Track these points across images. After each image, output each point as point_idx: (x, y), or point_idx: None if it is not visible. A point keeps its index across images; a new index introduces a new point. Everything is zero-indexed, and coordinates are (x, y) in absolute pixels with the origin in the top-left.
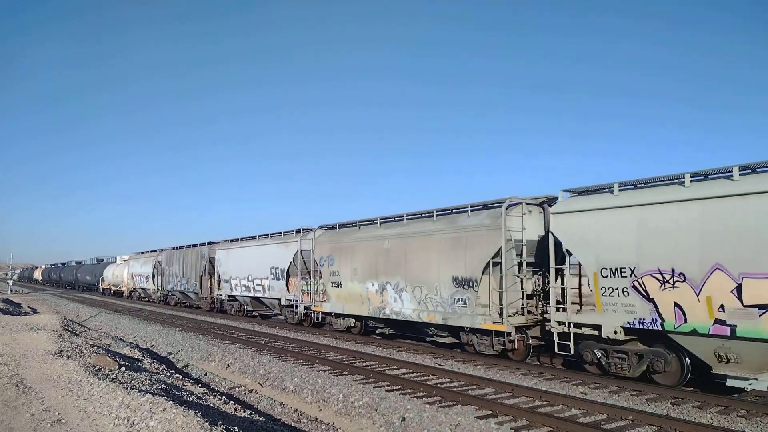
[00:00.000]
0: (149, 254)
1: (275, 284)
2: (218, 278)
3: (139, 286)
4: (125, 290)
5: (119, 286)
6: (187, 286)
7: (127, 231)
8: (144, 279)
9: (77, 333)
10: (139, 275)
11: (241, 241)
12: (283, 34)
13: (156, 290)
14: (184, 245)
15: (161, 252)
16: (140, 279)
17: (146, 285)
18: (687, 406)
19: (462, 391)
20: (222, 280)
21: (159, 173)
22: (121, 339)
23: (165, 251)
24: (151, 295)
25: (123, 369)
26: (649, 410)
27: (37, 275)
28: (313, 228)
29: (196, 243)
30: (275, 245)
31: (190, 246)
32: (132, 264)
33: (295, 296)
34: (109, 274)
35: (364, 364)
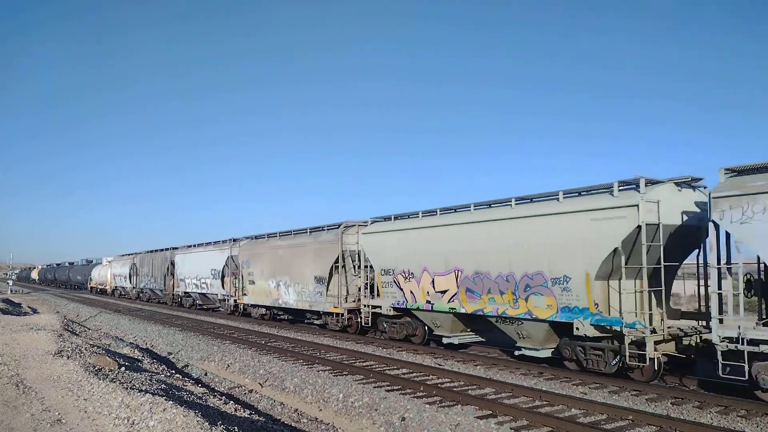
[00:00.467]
0: (127, 257)
1: (215, 282)
2: (176, 278)
3: (120, 285)
4: (108, 288)
5: (104, 285)
6: (155, 285)
7: (128, 231)
8: (123, 278)
9: (77, 333)
10: (119, 275)
11: (193, 248)
12: (283, 34)
13: (132, 288)
14: (154, 249)
15: (136, 255)
16: (120, 278)
17: (125, 284)
18: (687, 406)
19: (462, 391)
20: (179, 280)
21: (159, 173)
22: (121, 339)
23: (139, 255)
24: (129, 292)
25: (123, 369)
26: (649, 410)
27: (34, 275)
28: (240, 238)
29: (162, 248)
30: (214, 251)
31: (157, 251)
32: (113, 265)
33: (228, 292)
34: (96, 274)
35: (364, 364)
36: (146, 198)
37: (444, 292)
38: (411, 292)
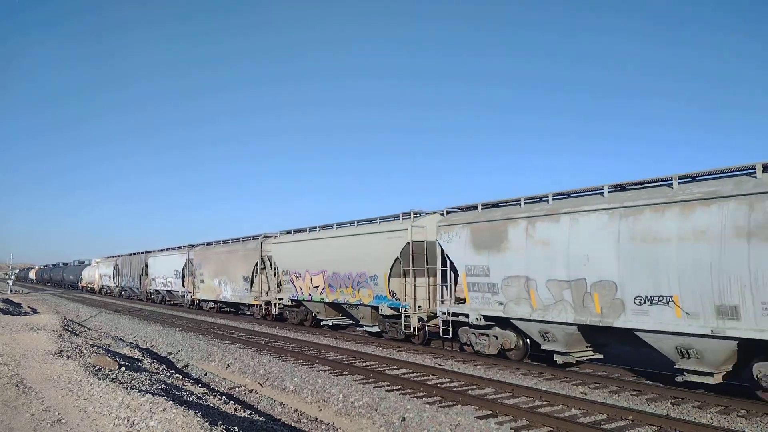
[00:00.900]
0: (111, 259)
1: (177, 281)
2: (149, 277)
3: (105, 284)
4: (96, 287)
5: (92, 284)
6: (133, 283)
7: (127, 231)
8: (108, 278)
9: (77, 333)
10: (105, 275)
11: (161, 252)
12: (283, 34)
13: (116, 286)
14: (132, 253)
15: (119, 257)
16: (105, 278)
17: (109, 283)
18: (687, 406)
19: (462, 391)
20: (151, 279)
21: (159, 173)
22: (121, 339)
23: (121, 257)
24: (113, 290)
25: (123, 369)
26: (649, 410)
27: (32, 275)
28: (196, 244)
29: (138, 251)
30: (176, 255)
31: (134, 254)
32: (100, 266)
33: (187, 290)
34: (86, 274)
35: (364, 364)
36: (146, 198)
37: (317, 287)
38: (300, 288)
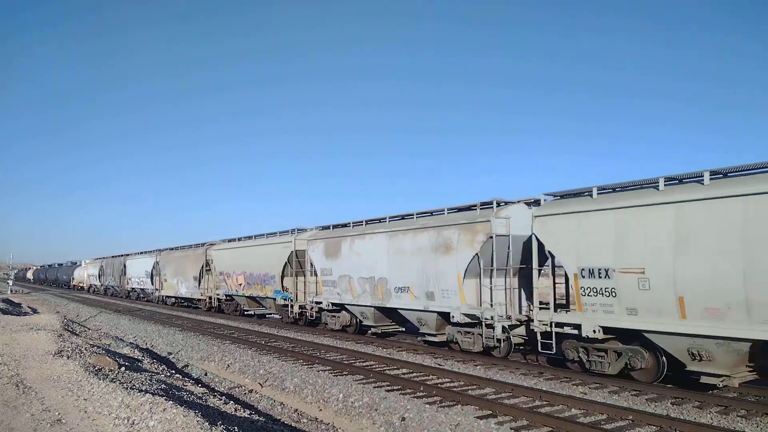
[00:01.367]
0: (98, 260)
1: (147, 281)
2: (127, 277)
3: (92, 283)
4: (85, 286)
5: (82, 283)
6: (114, 282)
7: (127, 231)
8: (94, 277)
9: (77, 333)
10: (92, 275)
11: (137, 255)
12: (283, 34)
13: (101, 285)
14: (114, 255)
15: (103, 259)
16: (92, 277)
17: (96, 282)
18: (687, 406)
19: (462, 391)
20: (128, 278)
21: (159, 173)
22: (121, 339)
23: (105, 259)
24: (99, 289)
25: (123, 369)
26: (649, 410)
27: (29, 275)
28: (162, 249)
29: (119, 254)
30: (147, 258)
31: (116, 256)
32: (88, 267)
33: (155, 287)
34: (77, 274)
35: (364, 364)
36: (146, 198)
37: (240, 284)
38: (231, 285)
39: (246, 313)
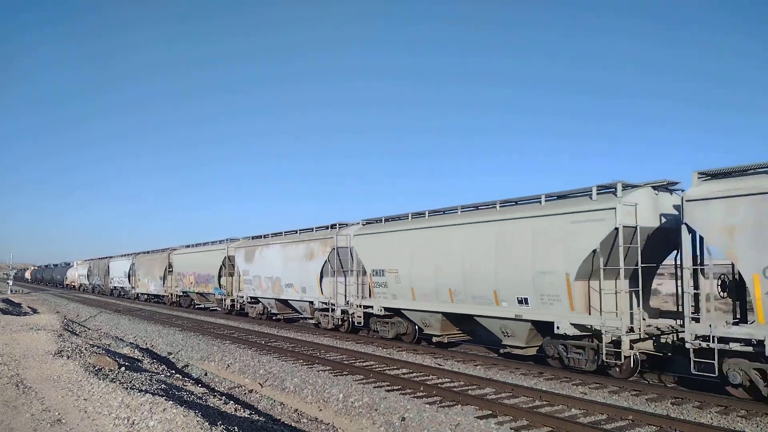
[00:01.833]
0: (86, 261)
1: (125, 280)
2: (110, 276)
3: (82, 282)
4: (76, 285)
5: (74, 282)
6: (100, 282)
7: (127, 231)
8: (84, 277)
9: (77, 333)
10: (82, 275)
11: (118, 257)
12: (283, 34)
13: (89, 284)
14: (100, 257)
15: (91, 261)
16: (82, 277)
17: (85, 281)
18: (687, 406)
19: (462, 391)
20: (111, 278)
21: (159, 173)
22: (121, 339)
23: (93, 260)
24: (87, 287)
25: (123, 369)
26: (649, 410)
27: (27, 275)
28: (138, 252)
29: (104, 256)
30: (125, 260)
31: (101, 258)
32: (79, 267)
33: (132, 286)
34: (69, 274)
35: (364, 364)
36: (146, 198)
37: (192, 283)
38: (186, 284)
39: (197, 307)
